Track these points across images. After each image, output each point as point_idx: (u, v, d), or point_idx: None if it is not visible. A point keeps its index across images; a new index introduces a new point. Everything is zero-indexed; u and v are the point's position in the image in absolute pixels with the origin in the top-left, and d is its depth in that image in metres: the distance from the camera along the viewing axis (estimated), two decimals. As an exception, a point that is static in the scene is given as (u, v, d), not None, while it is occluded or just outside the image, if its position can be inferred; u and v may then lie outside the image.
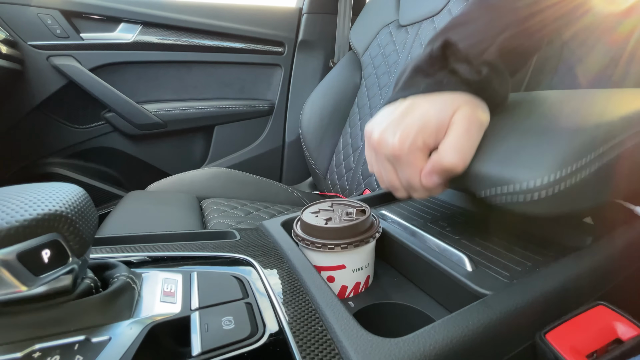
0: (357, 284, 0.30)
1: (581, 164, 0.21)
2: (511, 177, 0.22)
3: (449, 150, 0.24)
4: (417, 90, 0.26)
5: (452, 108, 0.24)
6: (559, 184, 0.20)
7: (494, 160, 0.24)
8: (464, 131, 0.24)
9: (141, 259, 0.29)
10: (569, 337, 0.21)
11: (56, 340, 0.17)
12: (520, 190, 0.21)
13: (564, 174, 0.20)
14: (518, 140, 0.24)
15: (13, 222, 0.15)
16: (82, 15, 0.99)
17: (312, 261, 0.29)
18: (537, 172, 0.21)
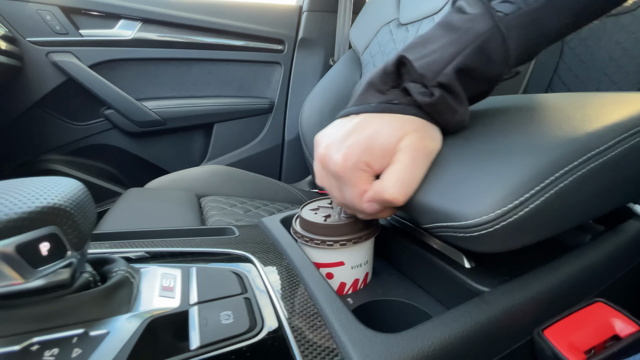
0: (356, 281, 0.30)
1: (528, 196, 0.19)
2: (451, 212, 0.20)
3: (390, 183, 0.23)
4: (368, 108, 0.25)
5: (400, 133, 0.23)
6: (502, 220, 0.18)
7: (436, 192, 0.22)
8: (409, 162, 0.23)
9: (140, 255, 0.28)
10: (567, 334, 0.21)
11: (54, 333, 0.17)
12: (459, 226, 0.20)
13: (507, 208, 0.18)
14: (464, 168, 0.22)
15: (12, 214, 0.15)
16: (81, 12, 0.98)
17: (311, 258, 0.29)
18: (478, 207, 0.19)
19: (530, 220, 0.19)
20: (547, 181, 0.19)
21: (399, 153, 0.23)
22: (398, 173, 0.23)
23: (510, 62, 0.24)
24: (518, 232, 0.19)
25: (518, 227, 0.19)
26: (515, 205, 0.19)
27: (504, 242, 0.20)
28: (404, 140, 0.23)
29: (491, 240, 0.19)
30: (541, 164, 0.19)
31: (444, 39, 0.24)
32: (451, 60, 0.23)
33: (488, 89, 0.26)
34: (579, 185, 0.20)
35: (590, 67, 0.77)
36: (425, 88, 0.23)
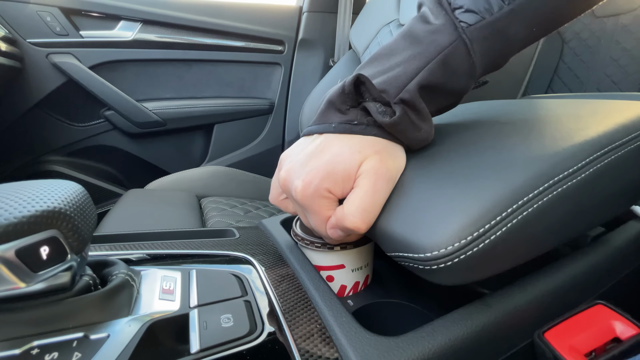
0: (356, 284, 0.30)
1: (489, 227, 0.17)
2: (410, 242, 0.19)
3: (351, 210, 0.22)
4: (329, 128, 0.24)
5: (360, 157, 0.22)
6: (461, 253, 0.17)
7: (397, 220, 0.21)
8: (370, 188, 0.22)
9: (140, 257, 0.28)
10: (567, 336, 0.21)
11: (54, 337, 0.17)
12: (418, 259, 0.19)
13: (466, 240, 0.17)
14: (425, 193, 0.21)
15: (11, 218, 0.15)
16: (81, 13, 0.98)
17: (311, 260, 0.29)
18: (435, 239, 0.18)
19: (492, 251, 0.18)
20: (510, 210, 0.18)
21: (360, 178, 0.22)
22: (359, 199, 0.22)
23: (476, 74, 0.23)
24: (479, 265, 0.18)
25: (479, 260, 0.18)
26: (475, 237, 0.17)
27: (465, 276, 0.18)
28: (364, 163, 0.22)
29: (451, 274, 0.18)
30: (504, 190, 0.18)
31: (407, 52, 0.23)
32: (414, 76, 0.22)
33: (454, 102, 0.25)
34: (546, 212, 0.18)
35: (591, 68, 0.77)
36: (386, 107, 0.23)
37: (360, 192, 0.22)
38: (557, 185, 0.18)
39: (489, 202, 0.18)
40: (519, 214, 0.18)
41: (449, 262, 0.17)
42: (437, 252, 0.18)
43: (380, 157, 0.23)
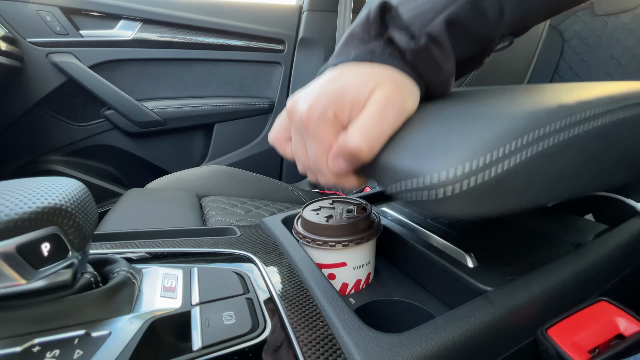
0: (358, 281, 0.30)
1: (506, 152, 0.16)
2: (416, 169, 0.18)
3: (355, 132, 0.20)
4: (347, 58, 0.23)
5: (373, 83, 0.21)
6: (471, 178, 0.16)
7: (404, 151, 0.20)
8: (378, 112, 0.20)
9: (141, 255, 0.28)
10: (571, 333, 0.21)
11: (56, 334, 0.17)
12: (424, 185, 0.17)
13: (479, 164, 0.16)
14: (436, 128, 0.20)
15: (12, 214, 0.15)
16: (81, 12, 0.98)
17: (313, 258, 0.29)
18: (444, 162, 0.17)
19: (506, 182, 0.16)
20: (528, 138, 0.17)
21: (370, 103, 0.21)
22: (365, 122, 0.20)
23: (504, 22, 0.22)
24: (490, 195, 0.17)
25: (491, 190, 0.16)
26: (490, 161, 0.16)
27: (474, 206, 0.17)
28: (377, 90, 0.21)
29: (458, 203, 0.17)
30: (524, 121, 0.17)
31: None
32: (442, 10, 0.21)
33: (478, 55, 0.24)
34: (561, 151, 0.18)
35: (591, 66, 0.77)
36: (411, 38, 0.21)
37: (368, 114, 0.21)
38: (574, 126, 0.18)
39: (504, 131, 0.17)
40: (536, 143, 0.17)
41: (458, 190, 0.16)
42: (445, 176, 0.16)
43: (395, 87, 0.21)
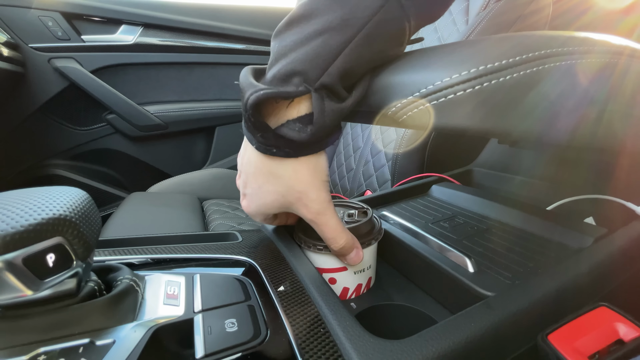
0: (359, 286, 0.30)
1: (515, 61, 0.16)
2: (424, 78, 0.18)
3: (333, 245, 0.27)
4: (253, 142, 0.25)
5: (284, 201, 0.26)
6: (480, 80, 0.16)
7: (407, 69, 0.20)
8: (323, 224, 0.26)
9: (143, 261, 0.29)
10: (571, 339, 0.21)
11: (61, 343, 0.17)
12: (433, 90, 0.17)
13: (487, 68, 0.16)
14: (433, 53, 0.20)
15: (18, 226, 0.16)
16: (83, 18, 0.99)
17: (313, 263, 0.29)
18: (453, 68, 0.17)
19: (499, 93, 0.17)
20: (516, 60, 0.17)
21: (310, 222, 0.26)
22: (326, 235, 0.26)
23: (409, 34, 0.21)
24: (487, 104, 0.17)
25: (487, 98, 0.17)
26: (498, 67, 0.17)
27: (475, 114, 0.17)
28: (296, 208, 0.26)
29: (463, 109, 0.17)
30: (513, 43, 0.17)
31: (329, 14, 0.19)
32: (338, 54, 0.19)
33: None
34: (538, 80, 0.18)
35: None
36: (301, 124, 0.22)
37: (321, 232, 0.26)
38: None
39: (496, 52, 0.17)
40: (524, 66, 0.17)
41: (460, 92, 0.17)
42: (455, 78, 0.17)
43: (305, 195, 0.25)
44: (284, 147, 0.23)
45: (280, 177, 0.25)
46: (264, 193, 0.26)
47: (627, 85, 0.20)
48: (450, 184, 0.46)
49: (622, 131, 0.22)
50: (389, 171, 0.71)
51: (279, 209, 0.27)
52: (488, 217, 0.36)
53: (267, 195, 0.26)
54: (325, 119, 0.21)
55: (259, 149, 0.24)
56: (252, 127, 0.23)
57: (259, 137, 0.23)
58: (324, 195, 0.25)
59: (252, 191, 0.27)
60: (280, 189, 0.25)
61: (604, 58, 0.19)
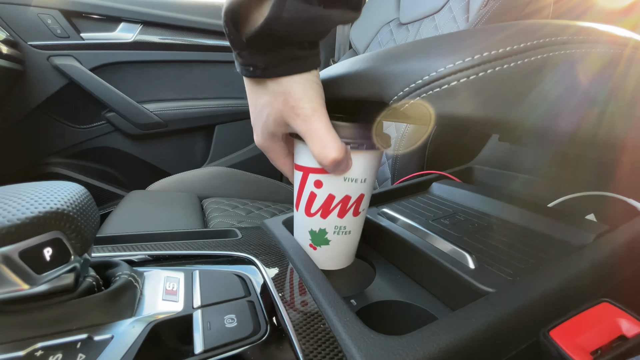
0: (347, 198, 0.26)
1: (520, 47, 0.16)
2: (425, 66, 0.18)
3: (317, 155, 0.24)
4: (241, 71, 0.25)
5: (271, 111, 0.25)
6: (472, 69, 0.16)
7: (408, 57, 0.20)
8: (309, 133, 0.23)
9: (143, 258, 0.28)
10: (573, 334, 0.21)
11: (58, 338, 0.17)
12: (433, 78, 0.17)
13: (490, 55, 0.16)
14: (440, 40, 0.20)
15: (15, 220, 0.15)
16: (82, 15, 0.99)
17: (301, 161, 0.26)
18: (453, 56, 0.17)
19: (497, 81, 0.17)
20: (513, 49, 0.17)
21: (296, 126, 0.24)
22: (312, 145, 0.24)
23: None
24: (487, 91, 0.17)
25: (487, 85, 0.17)
26: (485, 59, 0.16)
27: (475, 102, 0.17)
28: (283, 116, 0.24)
29: (463, 97, 0.17)
30: (511, 32, 0.17)
31: None
32: None
33: None
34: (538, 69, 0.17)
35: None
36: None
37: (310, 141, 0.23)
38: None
39: (493, 40, 0.17)
40: (522, 55, 0.17)
41: (462, 79, 0.17)
42: (454, 66, 0.17)
43: (290, 95, 0.23)
44: (260, 64, 0.22)
45: (264, 90, 0.24)
46: (260, 111, 0.25)
47: (629, 82, 0.20)
48: (450, 181, 0.46)
49: (624, 127, 0.22)
50: (389, 169, 0.71)
51: (276, 123, 0.25)
52: (489, 214, 0.36)
53: (263, 111, 0.25)
54: (283, 14, 0.19)
55: (241, 72, 0.23)
56: (231, 44, 0.22)
57: (237, 57, 0.23)
58: (312, 94, 0.23)
59: (253, 117, 0.27)
60: (269, 98, 0.24)
61: (609, 49, 0.19)
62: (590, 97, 0.19)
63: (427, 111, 0.18)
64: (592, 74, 0.19)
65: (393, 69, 0.20)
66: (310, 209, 0.27)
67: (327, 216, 0.27)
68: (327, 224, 0.27)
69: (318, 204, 0.27)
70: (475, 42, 0.17)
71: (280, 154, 0.28)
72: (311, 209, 0.27)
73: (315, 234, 0.28)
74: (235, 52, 0.23)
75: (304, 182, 0.27)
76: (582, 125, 0.20)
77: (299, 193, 0.28)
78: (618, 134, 0.22)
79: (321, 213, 0.27)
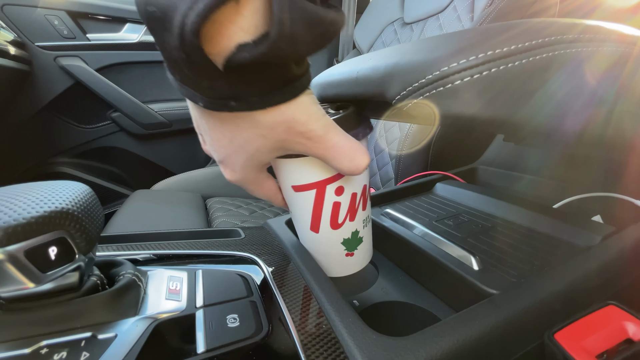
0: (364, 188, 0.25)
1: (525, 47, 0.16)
2: (430, 65, 0.17)
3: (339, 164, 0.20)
4: None
5: None
6: (475, 69, 0.16)
7: (412, 55, 0.19)
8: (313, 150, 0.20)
9: (147, 257, 0.29)
10: (578, 337, 0.21)
11: (63, 336, 0.17)
12: (437, 77, 0.17)
13: (493, 54, 0.16)
14: (445, 39, 0.19)
15: (20, 219, 0.16)
16: (88, 16, 1.00)
17: (308, 178, 0.23)
18: (457, 55, 0.17)
19: (501, 81, 0.16)
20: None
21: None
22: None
23: None
24: (490, 90, 0.17)
25: (490, 85, 0.16)
26: (488, 58, 0.16)
27: (479, 101, 0.17)
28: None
29: (466, 96, 0.17)
30: (515, 32, 0.17)
31: None
32: None
33: None
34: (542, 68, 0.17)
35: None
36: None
37: (333, 158, 0.20)
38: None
39: (496, 39, 0.17)
40: (527, 54, 0.17)
41: (466, 78, 0.16)
42: (458, 65, 0.17)
43: (294, 120, 0.18)
44: (247, 95, 0.16)
45: (252, 123, 0.18)
46: (241, 147, 0.19)
47: (638, 81, 0.20)
48: (454, 182, 0.45)
49: (633, 127, 0.21)
50: (393, 169, 0.70)
51: (271, 154, 0.20)
52: (493, 215, 0.36)
53: (248, 146, 0.19)
54: (291, 16, 0.13)
55: (209, 106, 0.17)
56: (194, 72, 0.15)
57: (206, 89, 0.16)
58: (315, 110, 0.19)
59: (226, 153, 0.20)
60: (259, 131, 0.18)
61: (617, 48, 0.18)
62: (598, 97, 0.19)
63: (431, 111, 0.18)
64: (600, 73, 0.18)
65: (396, 68, 0.20)
66: (337, 220, 0.25)
67: (354, 216, 0.25)
68: (356, 224, 0.25)
69: (344, 210, 0.24)
70: (480, 40, 0.17)
71: (264, 181, 0.24)
72: (338, 219, 0.25)
73: (349, 240, 0.26)
74: (192, 82, 0.16)
75: (322, 197, 0.24)
76: (590, 125, 0.19)
77: (317, 212, 0.24)
78: (626, 134, 0.21)
79: (349, 217, 0.25)
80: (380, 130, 0.78)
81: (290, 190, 0.24)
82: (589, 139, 0.20)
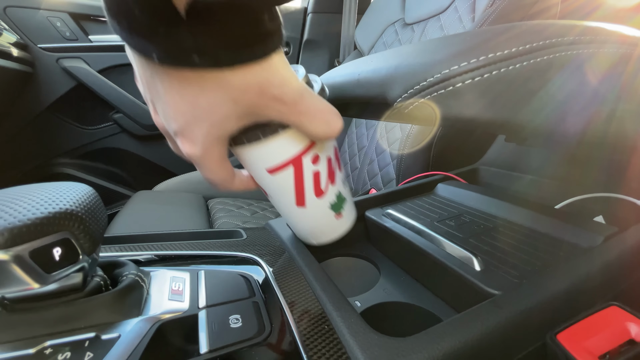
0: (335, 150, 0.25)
1: (526, 49, 0.16)
2: (430, 67, 0.17)
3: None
4: None
5: None
6: (476, 71, 0.16)
7: (412, 58, 0.19)
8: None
9: (149, 258, 0.29)
10: (580, 338, 0.21)
11: (67, 337, 0.17)
12: (438, 79, 0.17)
13: (494, 57, 0.16)
14: (445, 41, 0.20)
15: (25, 220, 0.16)
16: (90, 18, 1.00)
17: (282, 157, 0.23)
18: (458, 57, 0.17)
19: (502, 83, 0.17)
20: (519, 50, 0.17)
21: None
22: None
23: None
24: (492, 92, 0.17)
25: (492, 86, 0.17)
26: (507, 55, 0.16)
27: (481, 103, 0.17)
28: None
29: (468, 98, 0.17)
30: (516, 32, 0.17)
31: None
32: None
33: None
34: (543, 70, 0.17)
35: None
36: None
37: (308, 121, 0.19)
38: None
39: (497, 41, 0.17)
40: (527, 57, 0.17)
41: (467, 80, 0.17)
42: (459, 67, 0.17)
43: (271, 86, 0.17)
44: (214, 49, 0.14)
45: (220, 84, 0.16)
46: (205, 112, 0.17)
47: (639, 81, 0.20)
48: (456, 182, 0.45)
49: (634, 127, 0.21)
50: (394, 170, 0.71)
51: (239, 121, 0.18)
52: (495, 216, 0.36)
53: (212, 112, 0.17)
54: None
55: (166, 61, 0.14)
56: (148, 14, 0.13)
57: (163, 38, 0.13)
58: (290, 71, 0.17)
59: (185, 121, 0.17)
60: (227, 94, 0.16)
61: (618, 49, 0.18)
62: (600, 97, 0.19)
63: (432, 112, 0.18)
64: (601, 74, 0.18)
65: (398, 70, 0.20)
66: (320, 188, 0.24)
67: (334, 179, 0.25)
68: (338, 186, 0.26)
69: (324, 176, 0.24)
70: (480, 43, 0.17)
71: (225, 160, 0.21)
72: (321, 186, 0.24)
73: (336, 204, 0.26)
74: (144, 27, 0.13)
75: (300, 171, 0.23)
76: (591, 125, 0.20)
77: (299, 186, 0.24)
78: (628, 134, 0.21)
79: (330, 181, 0.25)
80: (382, 131, 0.78)
81: (265, 175, 0.23)
82: (590, 139, 0.20)
